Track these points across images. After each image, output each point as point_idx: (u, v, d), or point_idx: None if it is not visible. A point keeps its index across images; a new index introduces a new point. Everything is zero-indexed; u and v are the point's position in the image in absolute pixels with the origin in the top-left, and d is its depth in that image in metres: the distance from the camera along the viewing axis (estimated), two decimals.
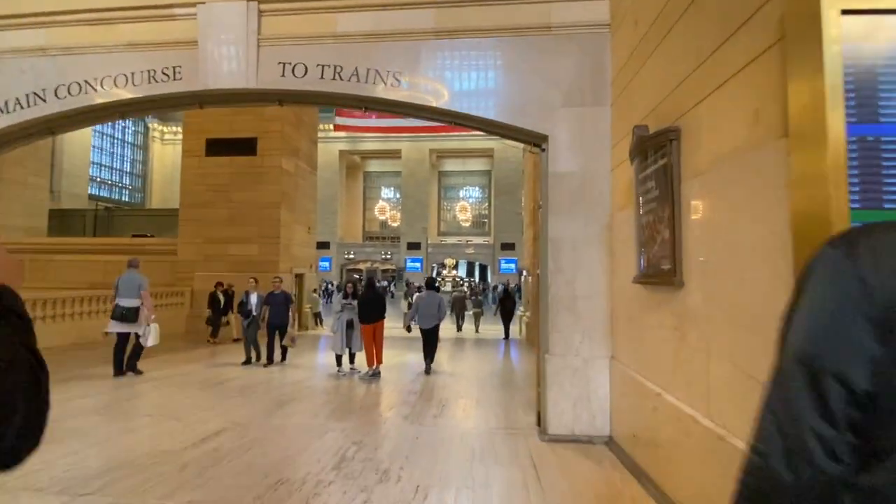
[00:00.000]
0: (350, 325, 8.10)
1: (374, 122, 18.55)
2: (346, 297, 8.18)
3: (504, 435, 4.75)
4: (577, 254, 4.70)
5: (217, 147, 15.49)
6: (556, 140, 4.77)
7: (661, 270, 3.25)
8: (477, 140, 41.25)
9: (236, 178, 15.33)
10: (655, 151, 3.31)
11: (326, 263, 41.29)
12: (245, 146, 15.38)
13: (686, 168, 3.01)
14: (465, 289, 31.94)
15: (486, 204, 47.17)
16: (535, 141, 4.97)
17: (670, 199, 3.09)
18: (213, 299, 13.07)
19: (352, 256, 42.25)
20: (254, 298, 9.28)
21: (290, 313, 8.85)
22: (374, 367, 7.92)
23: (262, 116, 15.40)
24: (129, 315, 6.99)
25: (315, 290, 16.94)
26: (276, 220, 15.17)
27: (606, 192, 4.71)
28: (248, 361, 8.80)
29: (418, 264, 40.53)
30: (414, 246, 40.68)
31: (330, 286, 30.78)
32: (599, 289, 4.66)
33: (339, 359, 8.10)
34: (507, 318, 14.45)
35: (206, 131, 15.54)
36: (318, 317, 16.85)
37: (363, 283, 8.49)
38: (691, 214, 2.94)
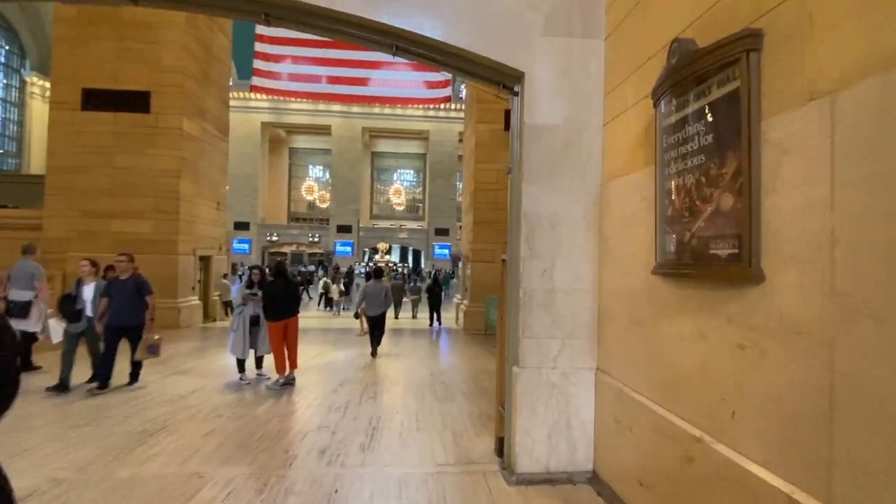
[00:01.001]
0: (255, 321, 6.45)
1: (297, 85, 16.40)
2: (250, 286, 6.49)
3: (457, 476, 3.53)
4: (557, 235, 3.54)
5: (97, 100, 12.64)
6: (535, 80, 3.53)
7: (713, 257, 2.14)
8: (412, 121, 39.60)
9: (122, 138, 12.63)
10: (707, 78, 2.17)
11: (245, 246, 37.80)
12: (135, 101, 12.69)
13: (773, 96, 1.89)
14: (402, 275, 30.50)
15: (421, 188, 45.76)
16: (506, 81, 3.70)
17: (739, 147, 1.97)
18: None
19: (275, 238, 38.99)
20: (88, 291, 6.07)
21: (147, 312, 5.96)
22: (286, 373, 6.39)
23: (158, 66, 12.78)
24: (16, 310, 6.00)
25: (225, 276, 14.68)
26: (175, 192, 12.73)
27: (597, 155, 3.58)
28: (60, 387, 5.60)
29: (349, 248, 38.35)
30: (344, 229, 38.40)
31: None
32: (585, 280, 3.55)
33: (241, 364, 6.44)
34: (434, 306, 14.24)
35: (83, 80, 12.61)
36: (228, 306, 14.63)
37: (271, 269, 6.75)
38: (782, 168, 1.83)
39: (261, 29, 16.57)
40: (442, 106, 39.31)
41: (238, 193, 37.49)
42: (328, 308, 16.84)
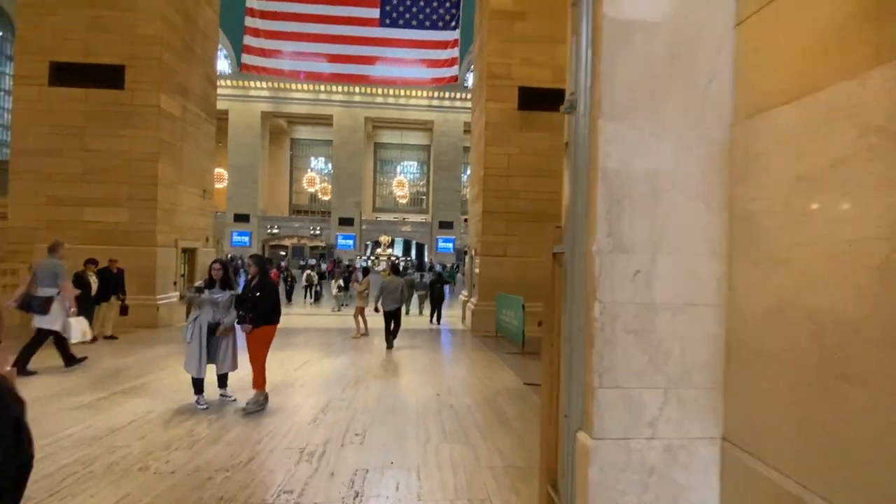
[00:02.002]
0: (213, 330, 4.99)
1: (291, 63, 14.81)
2: (208, 286, 5.02)
3: None
4: (659, 209, 2.04)
5: (66, 74, 11.15)
6: None
7: None
8: (416, 111, 37.99)
9: (94, 118, 11.16)
10: None
11: (245, 238, 36.45)
12: (107, 75, 11.19)
13: None
14: (411, 271, 29.06)
15: (424, 181, 44.21)
16: None
17: None
18: (79, 282, 8.55)
19: (276, 231, 37.60)
20: None
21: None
22: (259, 391, 5.01)
23: (133, 37, 11.26)
24: (37, 305, 6.01)
25: None
26: (153, 178, 11.27)
27: (726, 74, 2.07)
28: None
29: (350, 241, 36.91)
30: (346, 222, 36.96)
31: (238, 263, 26.36)
32: (706, 290, 2.06)
33: (197, 384, 4.99)
34: (437, 303, 13.23)
35: (50, 52, 11.12)
36: None
37: (248, 265, 5.23)
38: None
39: (251, 1, 15.04)
40: (447, 94, 37.70)
41: (238, 185, 36.12)
42: (315, 301, 15.49)
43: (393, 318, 8.84)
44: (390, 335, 8.73)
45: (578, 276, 2.17)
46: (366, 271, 10.34)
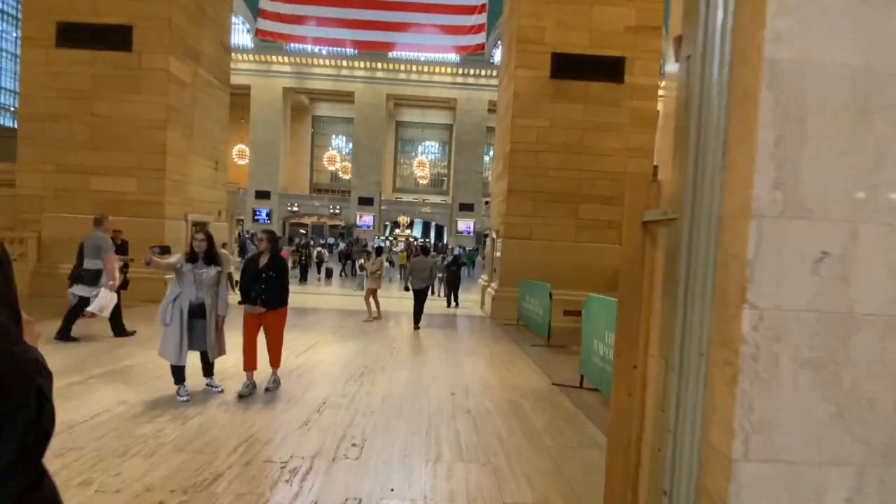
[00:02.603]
0: (198, 311, 4.26)
1: (309, 29, 13.88)
2: (190, 260, 4.28)
3: None
4: (871, 141, 1.09)
5: (73, 35, 10.50)
6: None
7: None
8: (439, 88, 36.66)
9: (102, 81, 10.53)
10: None
11: (265, 215, 36.21)
12: (114, 36, 10.49)
13: None
14: (434, 253, 28.36)
15: (446, 162, 43.06)
16: None
17: None
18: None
19: (296, 209, 37.23)
20: None
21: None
22: (271, 375, 4.59)
23: None
24: (87, 277, 6.09)
25: (224, 245, 12.68)
26: (161, 146, 10.63)
27: None
28: None
29: (369, 219, 36.27)
30: (366, 201, 36.27)
31: (245, 236, 25.92)
32: None
33: (178, 372, 4.29)
34: (452, 286, 12.48)
35: (56, 11, 10.46)
36: (228, 279, 12.67)
37: (260, 239, 4.46)
38: None
39: None
40: (471, 72, 36.20)
41: (259, 162, 35.73)
42: (328, 278, 14.87)
43: (420, 296, 8.81)
44: (417, 314, 8.70)
45: (702, 259, 1.25)
46: (379, 251, 9.53)
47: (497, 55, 35.72)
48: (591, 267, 10.66)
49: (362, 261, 14.88)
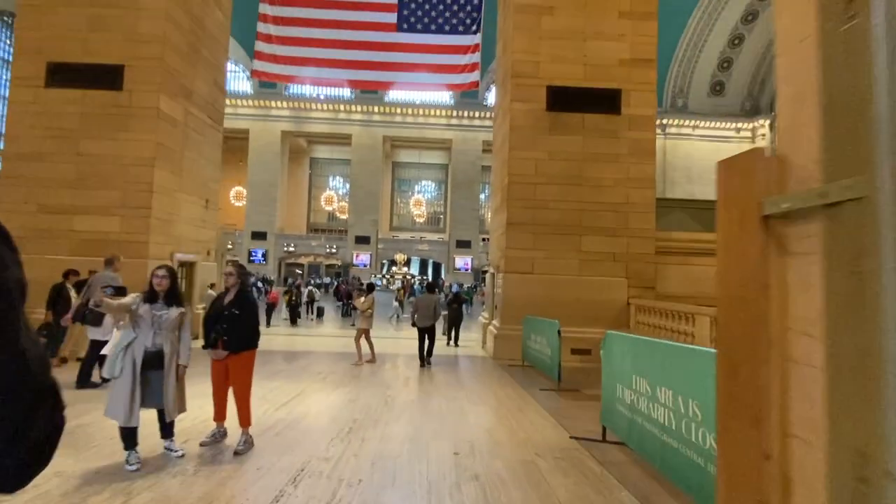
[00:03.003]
0: (155, 361, 3.60)
1: (304, 70, 13.89)
2: (148, 300, 3.67)
3: None
4: None
5: (63, 75, 10.29)
6: None
7: None
8: (434, 129, 37.19)
9: (90, 120, 10.22)
10: None
11: (261, 256, 35.68)
12: (105, 76, 10.29)
13: None
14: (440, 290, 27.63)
15: (442, 200, 43.17)
16: None
17: None
18: (57, 296, 7.67)
19: (292, 249, 36.75)
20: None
21: None
22: (241, 436, 3.82)
23: (134, 36, 10.39)
24: (91, 317, 5.83)
25: (212, 286, 12.04)
26: (147, 184, 10.20)
27: None
28: None
29: (366, 258, 35.74)
30: (363, 240, 35.90)
31: (257, 281, 25.19)
32: None
33: (128, 436, 3.57)
34: (454, 323, 11.94)
35: (48, 52, 10.31)
36: None
37: (227, 273, 3.82)
38: None
39: (263, 7, 14.27)
40: (466, 114, 36.85)
41: (257, 203, 35.59)
42: (319, 318, 13.98)
43: (427, 334, 8.69)
44: (425, 352, 8.58)
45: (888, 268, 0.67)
46: (370, 288, 8.88)
47: (490, 98, 36.52)
48: (596, 301, 10.06)
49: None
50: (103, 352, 5.35)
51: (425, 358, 8.57)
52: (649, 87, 10.60)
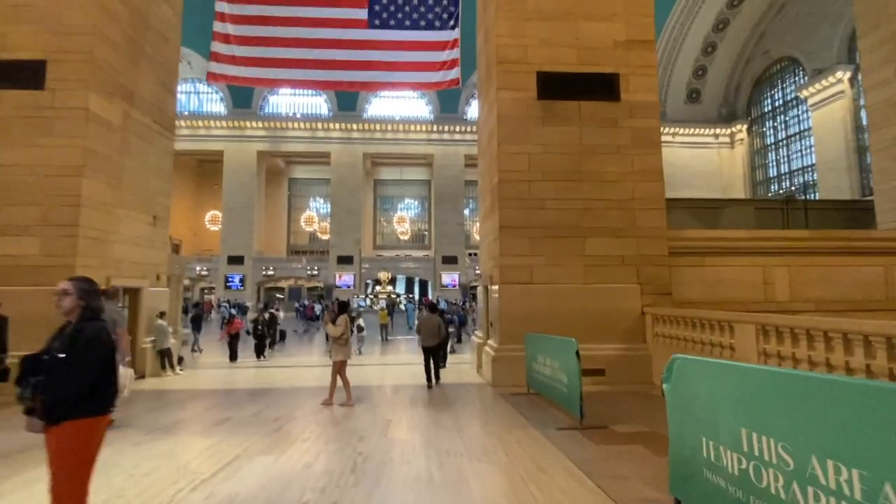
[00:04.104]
0: None
1: (267, 71, 12.46)
2: None
3: None
4: None
5: None
6: None
7: None
8: (416, 145, 36.00)
9: (5, 125, 8.52)
10: None
11: (239, 281, 33.53)
12: (24, 73, 8.65)
13: None
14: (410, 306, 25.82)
15: (426, 216, 41.78)
16: None
17: None
18: None
19: (271, 273, 34.69)
20: None
21: None
22: None
23: (59, 27, 8.81)
24: None
25: (162, 315, 10.20)
26: (75, 197, 8.47)
27: None
28: None
29: (350, 278, 33.87)
30: (345, 260, 34.10)
31: (226, 307, 23.03)
32: None
33: None
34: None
35: None
36: (165, 356, 10.08)
37: (59, 294, 2.07)
38: None
39: (220, 5, 12.84)
40: (447, 128, 35.80)
41: (232, 226, 33.63)
42: (281, 341, 11.85)
43: (432, 354, 8.46)
44: (432, 372, 8.34)
45: None
46: (343, 307, 7.09)
47: (470, 111, 35.63)
48: (606, 312, 8.58)
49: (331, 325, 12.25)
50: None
51: (433, 379, 8.29)
52: (649, 71, 9.38)
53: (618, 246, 8.87)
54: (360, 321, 14.06)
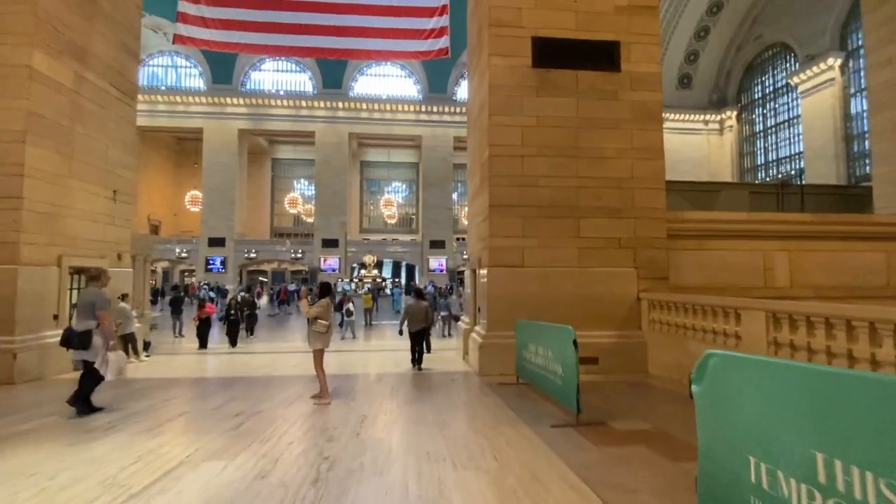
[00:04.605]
0: None
1: (241, 35, 11.37)
2: None
3: None
4: None
5: None
6: None
7: None
8: (403, 126, 34.88)
9: None
10: None
11: (220, 264, 32.44)
12: None
13: None
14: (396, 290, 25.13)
15: (414, 200, 40.88)
16: None
17: None
18: None
19: (253, 255, 33.60)
20: None
21: None
22: None
23: None
24: (75, 340, 5.18)
25: (124, 297, 9.36)
26: (17, 165, 7.54)
27: None
28: None
29: (335, 262, 33.03)
30: (330, 243, 33.17)
31: (205, 289, 21.99)
32: None
33: None
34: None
35: None
36: (129, 342, 9.27)
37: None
38: None
39: None
40: (435, 109, 34.72)
41: (213, 207, 32.36)
42: (232, 344, 10.75)
43: (418, 339, 8.49)
44: (418, 355, 8.41)
45: None
46: (325, 290, 6.26)
47: (460, 92, 34.54)
48: (601, 297, 8.03)
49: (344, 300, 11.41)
50: (108, 378, 5.22)
51: (418, 361, 8.33)
52: (652, 40, 8.68)
53: (615, 227, 8.28)
54: (350, 305, 13.60)
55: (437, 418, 5.06)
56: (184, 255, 32.93)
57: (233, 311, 10.31)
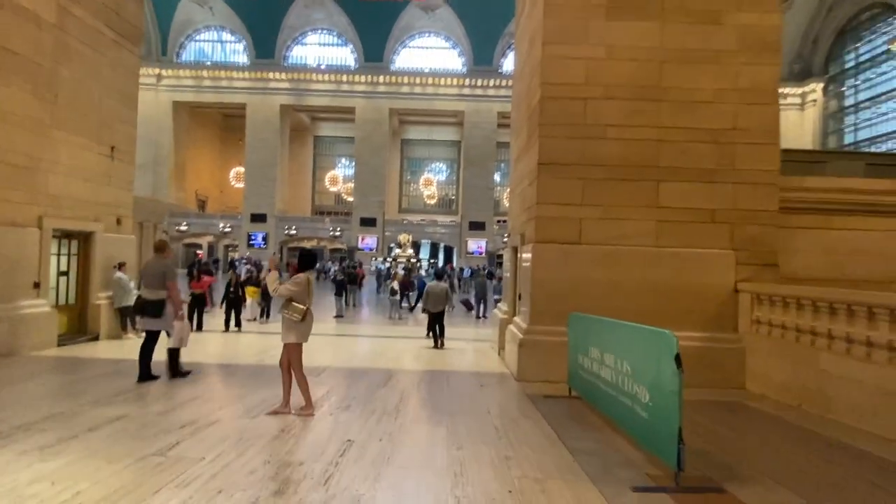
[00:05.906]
0: None
1: None
2: None
3: None
4: None
5: None
6: None
7: None
8: (445, 100, 32.85)
9: None
10: None
11: (262, 240, 32.29)
12: None
13: None
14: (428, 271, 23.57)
15: (454, 180, 39.00)
16: None
17: None
18: None
19: (293, 232, 33.16)
20: None
21: None
22: None
23: None
24: (150, 308, 5.14)
25: (121, 266, 8.23)
26: None
27: None
28: None
29: (372, 241, 31.99)
30: (368, 222, 32.10)
31: (240, 262, 21.09)
32: None
33: None
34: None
35: None
36: (126, 315, 8.19)
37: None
38: None
39: None
40: (479, 82, 32.41)
41: (255, 183, 32.07)
42: (236, 326, 9.18)
43: (438, 318, 8.27)
44: (439, 334, 8.16)
45: None
46: (307, 261, 4.34)
47: (506, 64, 31.94)
48: (683, 288, 5.92)
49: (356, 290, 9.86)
50: (170, 346, 5.23)
51: (438, 339, 8.13)
52: None
53: (706, 195, 6.09)
54: (394, 284, 12.95)
55: (453, 457, 3.30)
56: (227, 230, 33.00)
57: (231, 289, 8.98)
